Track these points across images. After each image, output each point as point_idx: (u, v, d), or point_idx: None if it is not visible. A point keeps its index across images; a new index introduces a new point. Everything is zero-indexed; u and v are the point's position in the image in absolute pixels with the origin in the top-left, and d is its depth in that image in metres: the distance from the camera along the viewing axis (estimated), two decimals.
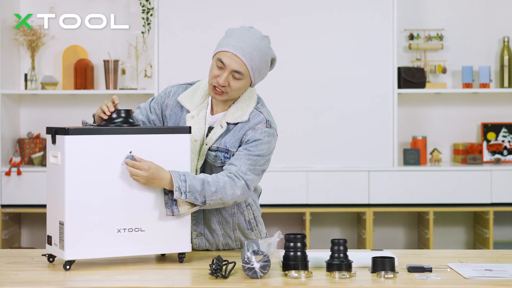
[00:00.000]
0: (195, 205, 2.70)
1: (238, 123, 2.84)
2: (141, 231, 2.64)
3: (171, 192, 2.67)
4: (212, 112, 2.90)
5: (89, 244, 2.59)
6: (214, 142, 2.84)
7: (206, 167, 2.88)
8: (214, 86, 2.80)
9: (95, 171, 2.59)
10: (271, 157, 2.89)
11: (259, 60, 2.79)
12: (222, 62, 2.77)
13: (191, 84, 2.97)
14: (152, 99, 2.98)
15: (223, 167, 2.81)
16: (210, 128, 2.88)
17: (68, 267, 2.59)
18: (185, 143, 2.71)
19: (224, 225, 2.92)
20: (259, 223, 3.00)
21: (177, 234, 2.69)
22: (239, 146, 2.82)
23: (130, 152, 2.61)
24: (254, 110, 2.86)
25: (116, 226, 2.61)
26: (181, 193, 2.65)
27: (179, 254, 2.71)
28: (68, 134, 2.57)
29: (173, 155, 2.69)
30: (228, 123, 2.84)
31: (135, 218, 2.63)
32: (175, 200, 2.68)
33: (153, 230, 2.66)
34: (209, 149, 2.85)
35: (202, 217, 2.91)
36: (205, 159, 2.87)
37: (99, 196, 2.60)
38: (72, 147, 2.58)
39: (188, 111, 2.89)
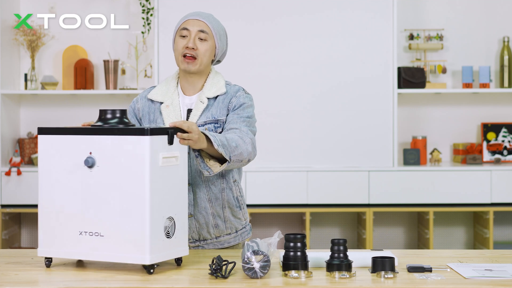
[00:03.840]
0: (221, 164, 2.81)
1: (217, 96, 3.01)
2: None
3: (200, 154, 2.78)
4: (186, 95, 3.05)
5: (59, 244, 2.62)
6: (199, 118, 2.97)
7: None
8: (185, 55, 2.97)
9: (61, 171, 2.61)
10: (256, 122, 3.05)
11: (216, 23, 3.03)
12: (186, 29, 2.99)
13: (154, 86, 3.12)
14: None
15: (222, 133, 2.93)
16: (189, 111, 3.01)
17: (47, 262, 2.66)
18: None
19: (214, 202, 3.00)
20: (244, 203, 3.11)
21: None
22: (227, 115, 2.98)
23: (90, 153, 2.57)
24: (226, 85, 3.05)
25: (79, 229, 2.59)
26: (218, 145, 2.74)
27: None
28: (40, 133, 2.66)
29: None
30: (208, 98, 3.00)
31: (98, 221, 2.57)
32: (205, 162, 2.79)
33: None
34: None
35: (192, 197, 2.98)
36: None
37: (64, 197, 2.61)
38: (43, 146, 2.66)
39: (161, 103, 3.03)
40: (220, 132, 2.96)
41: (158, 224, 2.53)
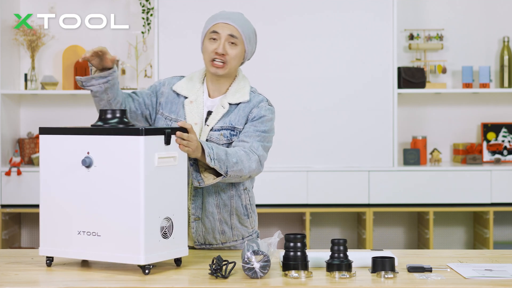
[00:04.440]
0: (217, 176, 2.79)
1: (240, 103, 2.96)
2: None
3: (195, 163, 2.76)
4: (210, 96, 3.01)
5: (59, 243, 2.63)
6: (217, 122, 2.93)
7: None
8: (213, 60, 2.94)
9: (62, 171, 2.61)
10: (273, 137, 3.00)
11: (247, 26, 2.99)
12: (215, 32, 2.93)
13: (183, 76, 3.08)
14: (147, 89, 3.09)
15: (233, 144, 2.91)
16: (209, 112, 2.97)
17: (48, 262, 2.66)
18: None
19: (222, 208, 2.96)
20: (254, 212, 3.08)
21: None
22: (245, 124, 2.94)
23: (88, 153, 2.57)
24: (251, 92, 3.01)
25: (78, 228, 2.59)
26: (211, 159, 2.72)
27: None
28: (41, 133, 2.66)
29: None
30: (230, 104, 2.96)
31: (95, 221, 2.57)
32: (199, 172, 2.76)
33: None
34: (212, 130, 2.93)
35: (200, 201, 2.95)
36: (207, 139, 2.93)
37: (64, 196, 2.61)
38: (45, 146, 2.66)
39: (185, 97, 2.99)
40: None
41: (154, 224, 2.53)
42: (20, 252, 2.99)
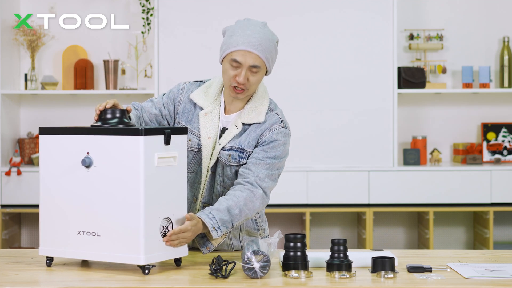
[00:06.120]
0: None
1: (253, 123, 2.85)
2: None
3: (201, 233, 2.69)
4: (225, 112, 2.90)
5: (59, 243, 2.62)
6: (228, 142, 2.84)
7: (218, 166, 2.87)
8: (234, 87, 2.80)
9: (61, 171, 2.61)
10: (285, 160, 2.89)
11: (269, 48, 2.82)
12: (237, 61, 2.77)
13: (203, 82, 2.96)
14: (164, 94, 2.97)
15: (240, 169, 2.81)
16: (223, 129, 2.87)
17: (48, 262, 2.66)
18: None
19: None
20: (262, 221, 3.01)
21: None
22: (255, 147, 2.83)
23: (88, 153, 2.56)
24: (268, 111, 2.88)
25: (77, 228, 2.59)
26: (216, 230, 2.66)
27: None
28: (41, 133, 2.65)
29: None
30: (243, 124, 2.85)
31: (95, 221, 2.56)
32: (206, 237, 2.71)
33: None
34: (222, 149, 2.85)
35: None
36: (217, 159, 2.86)
37: (64, 196, 2.61)
38: (44, 146, 2.65)
39: (201, 108, 2.89)
40: (244, 163, 2.83)
41: (153, 224, 2.53)
42: (20, 252, 2.99)
